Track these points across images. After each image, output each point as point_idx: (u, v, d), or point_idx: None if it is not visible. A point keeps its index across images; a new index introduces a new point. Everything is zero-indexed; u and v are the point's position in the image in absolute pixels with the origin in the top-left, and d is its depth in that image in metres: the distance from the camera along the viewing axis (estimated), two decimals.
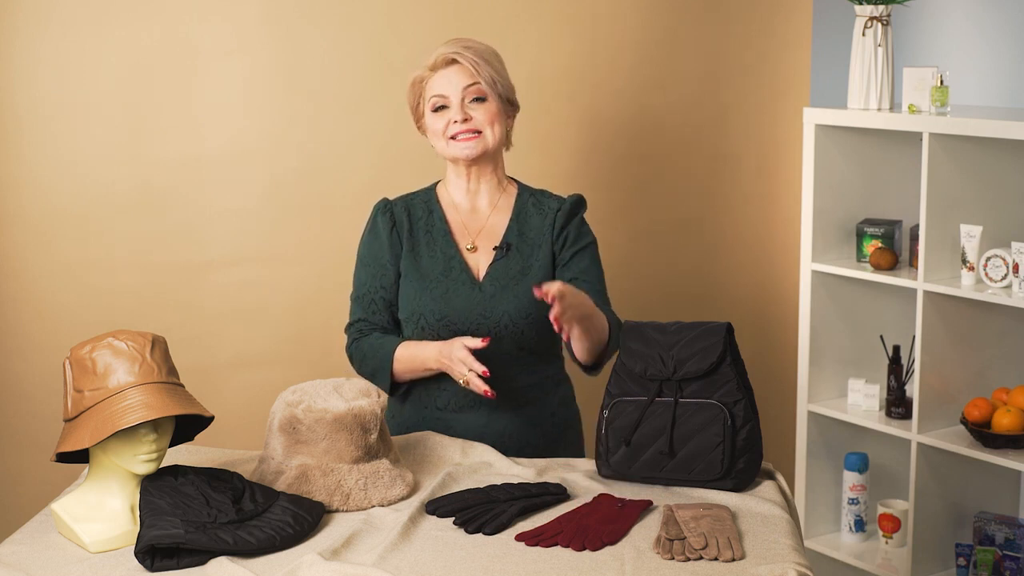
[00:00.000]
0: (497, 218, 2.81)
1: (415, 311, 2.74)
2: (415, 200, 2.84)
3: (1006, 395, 3.41)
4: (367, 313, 2.80)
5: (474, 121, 2.72)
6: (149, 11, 3.38)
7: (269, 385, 3.13)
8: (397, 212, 2.81)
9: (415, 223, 2.80)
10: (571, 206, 2.82)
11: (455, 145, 2.73)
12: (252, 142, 3.48)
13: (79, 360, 2.19)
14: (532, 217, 2.81)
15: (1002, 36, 3.68)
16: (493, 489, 2.36)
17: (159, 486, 2.19)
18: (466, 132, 2.72)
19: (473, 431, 2.73)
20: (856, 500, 3.76)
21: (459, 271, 2.75)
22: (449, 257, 2.76)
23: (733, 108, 3.87)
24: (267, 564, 2.09)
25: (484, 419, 2.74)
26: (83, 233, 3.43)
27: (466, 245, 2.79)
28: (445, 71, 2.73)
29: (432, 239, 2.79)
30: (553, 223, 2.80)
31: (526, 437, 2.76)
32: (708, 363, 2.43)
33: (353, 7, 3.48)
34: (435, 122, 2.74)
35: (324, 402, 2.35)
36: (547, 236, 2.79)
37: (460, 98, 2.72)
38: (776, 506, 2.33)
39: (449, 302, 2.72)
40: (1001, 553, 3.50)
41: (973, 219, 3.42)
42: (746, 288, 3.97)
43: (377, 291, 2.79)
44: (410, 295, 2.76)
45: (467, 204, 2.82)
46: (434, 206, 2.82)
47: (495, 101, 2.74)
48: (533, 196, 2.84)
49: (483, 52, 2.74)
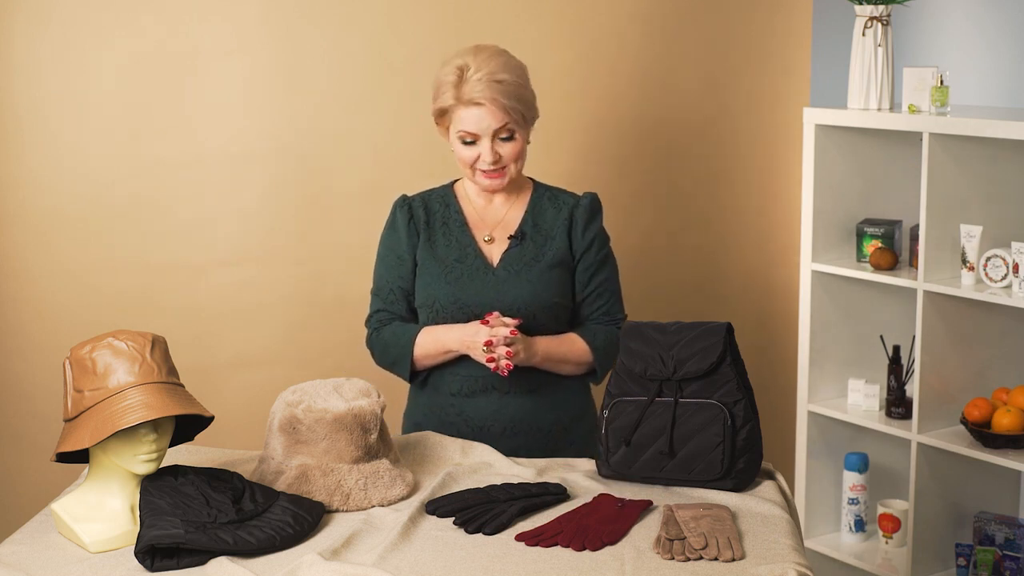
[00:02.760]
0: (513, 213, 2.86)
1: (430, 295, 2.79)
2: (432, 196, 2.89)
3: (1006, 395, 3.41)
4: (386, 303, 2.85)
5: (501, 160, 2.76)
6: (149, 11, 3.38)
7: (269, 385, 3.13)
8: (415, 206, 2.86)
9: (432, 216, 2.85)
10: (591, 208, 2.87)
11: (480, 178, 2.79)
12: (252, 142, 3.48)
13: (79, 360, 2.19)
14: (547, 211, 2.86)
15: (1002, 36, 3.68)
16: (493, 489, 2.36)
17: (159, 486, 2.19)
18: (493, 172, 2.77)
19: (485, 416, 2.77)
20: (856, 500, 3.76)
21: (474, 257, 2.80)
22: (464, 246, 2.82)
23: (733, 108, 3.87)
24: (267, 564, 2.09)
25: (496, 404, 2.78)
26: (83, 233, 3.43)
27: (483, 237, 2.84)
28: (476, 109, 2.72)
29: (449, 230, 2.83)
30: (570, 219, 2.85)
31: (537, 422, 2.79)
32: (708, 363, 2.43)
33: (353, 7, 3.48)
34: (462, 151, 2.78)
35: (324, 402, 2.35)
36: (562, 229, 2.83)
37: (491, 137, 2.74)
38: (776, 506, 2.33)
39: (463, 287, 2.76)
40: (1001, 553, 3.50)
41: (973, 219, 3.42)
42: (746, 288, 3.97)
43: (395, 281, 2.84)
44: (426, 282, 2.80)
45: (483, 201, 2.87)
46: (451, 200, 2.87)
47: (522, 134, 2.78)
48: (548, 191, 2.90)
49: (512, 86, 2.72)
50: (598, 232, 2.87)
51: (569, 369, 2.81)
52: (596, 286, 2.85)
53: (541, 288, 2.78)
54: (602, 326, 2.84)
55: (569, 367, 2.81)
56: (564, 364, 2.80)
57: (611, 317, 2.86)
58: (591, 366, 2.82)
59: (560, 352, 2.78)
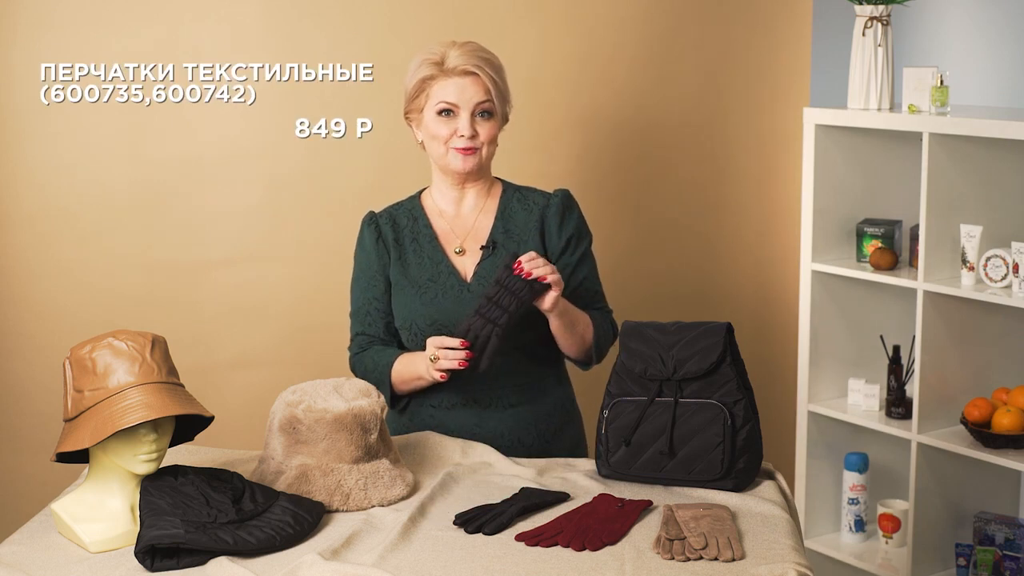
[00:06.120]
0: (483, 220, 2.81)
1: (407, 318, 2.75)
2: (399, 210, 2.84)
3: (1006, 395, 3.42)
4: (364, 326, 2.80)
5: (477, 138, 2.72)
6: (149, 11, 3.38)
7: (269, 385, 3.12)
8: (382, 223, 2.81)
9: (400, 232, 2.80)
10: (563, 205, 2.80)
11: (453, 156, 2.72)
12: (252, 142, 3.48)
13: (79, 360, 2.19)
14: (517, 213, 2.80)
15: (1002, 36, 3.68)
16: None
17: (159, 486, 2.19)
18: (467, 148, 2.72)
19: (465, 430, 2.72)
20: (856, 500, 3.76)
21: (447, 275, 2.75)
22: (437, 262, 2.76)
23: (733, 108, 3.87)
24: (267, 564, 2.09)
25: (476, 418, 2.74)
26: (83, 233, 3.43)
27: (454, 249, 2.78)
28: (460, 80, 2.70)
29: (419, 246, 2.79)
30: (541, 220, 2.79)
31: (519, 436, 2.75)
32: (708, 363, 2.43)
33: (353, 7, 3.48)
34: (438, 126, 2.72)
35: (324, 402, 2.35)
36: (534, 231, 2.78)
37: (471, 111, 2.71)
38: (776, 506, 2.33)
39: (439, 306, 2.72)
40: (1001, 553, 3.50)
41: (973, 219, 3.42)
42: (746, 288, 3.97)
43: (371, 302, 2.79)
44: (401, 303, 2.76)
45: (452, 210, 2.81)
46: (419, 214, 2.82)
47: (498, 118, 2.74)
48: (518, 192, 2.84)
49: (497, 68, 2.73)
50: (574, 231, 2.80)
51: (574, 340, 2.71)
52: (576, 285, 2.78)
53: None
54: (598, 312, 2.80)
55: (575, 337, 2.70)
56: (574, 328, 2.70)
57: (599, 310, 2.81)
58: (593, 341, 2.74)
59: (574, 310, 2.70)
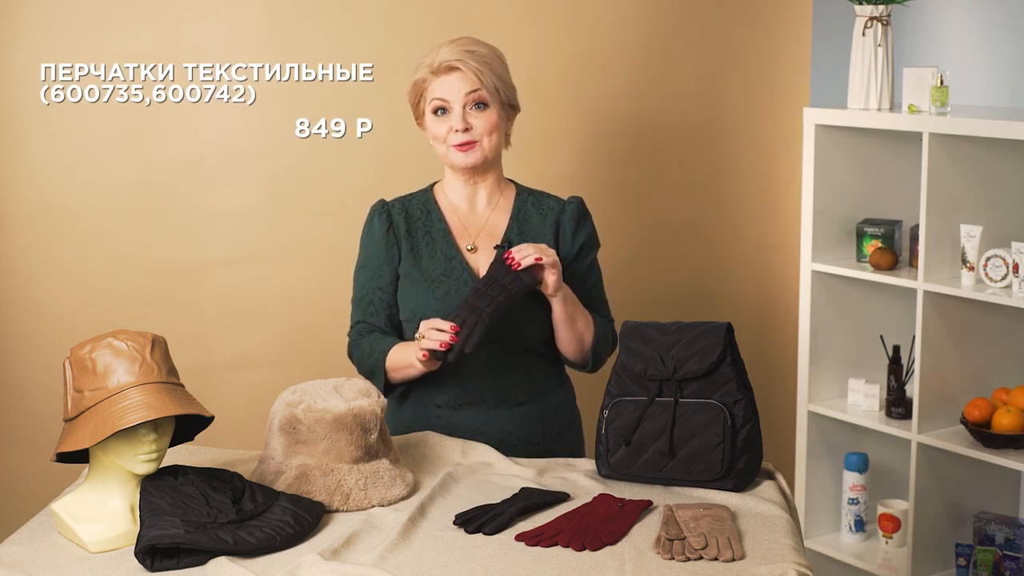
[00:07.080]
0: (497, 218, 2.81)
1: (416, 312, 2.74)
2: (412, 201, 2.83)
3: (1006, 395, 3.42)
4: (365, 315, 2.80)
5: (473, 131, 2.71)
6: (149, 11, 3.38)
7: (269, 385, 3.12)
8: (394, 214, 2.80)
9: (413, 224, 2.80)
10: (579, 213, 2.82)
11: (454, 153, 2.73)
12: (252, 142, 3.48)
13: (79, 360, 2.19)
14: (532, 216, 2.81)
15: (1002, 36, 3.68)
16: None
17: (159, 486, 2.19)
18: (465, 142, 2.71)
19: (473, 429, 2.73)
20: (856, 500, 3.76)
21: (460, 271, 2.75)
22: (450, 258, 2.76)
23: (733, 108, 3.87)
24: (267, 564, 2.09)
25: (484, 417, 2.74)
26: (83, 233, 3.43)
27: (467, 246, 2.78)
28: (447, 76, 2.70)
29: (432, 240, 2.78)
30: (557, 225, 2.80)
31: (526, 435, 2.76)
32: (708, 363, 2.43)
33: (353, 7, 3.48)
34: (436, 126, 2.73)
35: (324, 402, 2.35)
36: (549, 236, 2.78)
37: (462, 104, 2.70)
38: (776, 506, 2.33)
39: (450, 301, 2.71)
40: (1001, 553, 3.50)
41: (973, 219, 3.42)
42: (746, 288, 3.97)
43: (375, 292, 2.79)
44: (412, 296, 2.75)
45: (465, 206, 2.81)
46: (432, 207, 2.81)
47: (496, 107, 2.73)
48: (532, 196, 2.84)
49: (486, 57, 2.72)
50: (587, 238, 2.82)
51: (573, 335, 2.72)
52: (585, 292, 2.79)
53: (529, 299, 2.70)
54: (600, 318, 2.82)
55: (575, 332, 2.71)
56: (575, 323, 2.71)
57: (602, 317, 2.83)
58: (591, 344, 2.75)
59: (578, 304, 2.72)
